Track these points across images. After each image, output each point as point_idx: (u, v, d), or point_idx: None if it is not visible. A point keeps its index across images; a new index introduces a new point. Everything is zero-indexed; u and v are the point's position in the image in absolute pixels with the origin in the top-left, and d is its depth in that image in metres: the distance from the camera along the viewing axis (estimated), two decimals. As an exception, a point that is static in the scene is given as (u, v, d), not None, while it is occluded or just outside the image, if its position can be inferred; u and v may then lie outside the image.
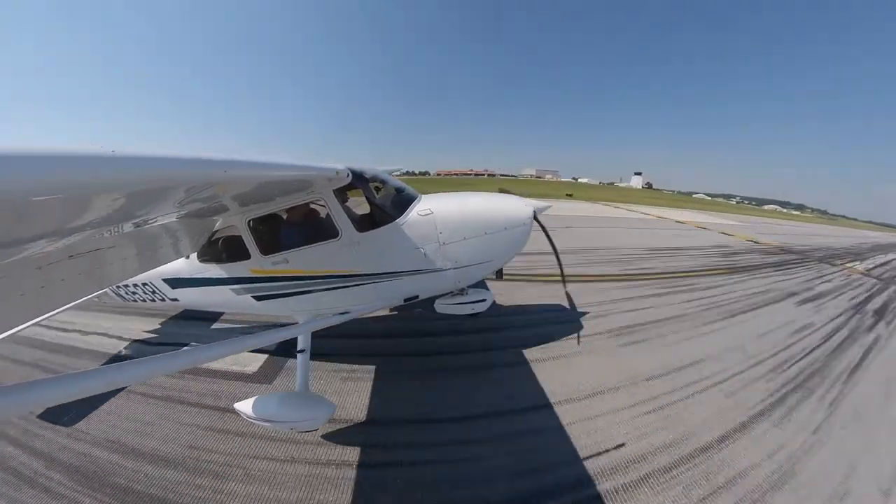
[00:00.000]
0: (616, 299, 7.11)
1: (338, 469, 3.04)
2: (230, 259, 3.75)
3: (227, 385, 4.20)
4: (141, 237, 2.80)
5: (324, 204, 3.45)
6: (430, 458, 3.16)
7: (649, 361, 4.82)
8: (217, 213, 3.17)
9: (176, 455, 3.20)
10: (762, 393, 4.38)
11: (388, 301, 3.85)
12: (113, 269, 2.77)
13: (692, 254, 12.61)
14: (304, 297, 3.71)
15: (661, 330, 5.87)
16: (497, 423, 3.57)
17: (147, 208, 1.75)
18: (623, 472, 3.07)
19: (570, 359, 4.74)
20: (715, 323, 6.45)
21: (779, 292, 8.85)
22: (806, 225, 36.26)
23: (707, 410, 3.95)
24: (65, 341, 5.30)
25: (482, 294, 5.42)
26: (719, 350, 5.35)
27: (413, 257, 3.66)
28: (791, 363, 5.22)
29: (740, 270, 10.78)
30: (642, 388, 4.25)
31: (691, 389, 4.31)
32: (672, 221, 23.20)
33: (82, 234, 1.73)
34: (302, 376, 3.43)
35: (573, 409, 3.80)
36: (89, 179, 0.99)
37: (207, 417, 3.66)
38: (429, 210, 3.73)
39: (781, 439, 3.61)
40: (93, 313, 6.10)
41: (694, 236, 17.21)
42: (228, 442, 3.34)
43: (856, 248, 19.95)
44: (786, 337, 6.16)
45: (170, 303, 4.47)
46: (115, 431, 3.48)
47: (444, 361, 4.62)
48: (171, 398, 3.96)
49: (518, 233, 3.94)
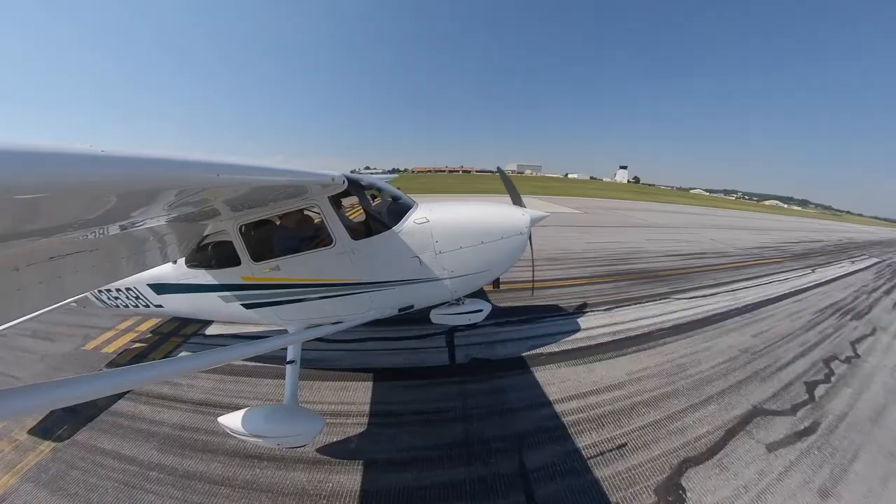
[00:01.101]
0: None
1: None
2: (220, 265, 3.64)
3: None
4: (126, 240, 2.71)
5: (318, 211, 3.39)
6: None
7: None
8: (208, 217, 3.09)
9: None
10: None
11: (383, 311, 3.76)
12: (95, 273, 2.66)
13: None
14: (296, 306, 3.61)
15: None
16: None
17: (134, 211, 1.68)
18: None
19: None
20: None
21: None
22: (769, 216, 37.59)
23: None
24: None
25: (479, 304, 5.33)
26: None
27: (408, 266, 3.60)
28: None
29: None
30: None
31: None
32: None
33: (65, 235, 1.66)
34: (290, 389, 3.30)
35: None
36: (75, 178, 0.94)
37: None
38: (425, 218, 3.68)
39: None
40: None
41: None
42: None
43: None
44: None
45: (154, 309, 4.31)
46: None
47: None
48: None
49: (515, 242, 3.92)
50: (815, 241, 21.61)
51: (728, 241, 17.33)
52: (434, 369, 4.55)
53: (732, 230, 22.55)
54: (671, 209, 35.71)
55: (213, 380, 4.30)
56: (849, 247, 20.51)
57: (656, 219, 24.50)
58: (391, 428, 3.57)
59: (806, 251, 16.87)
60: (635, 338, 5.67)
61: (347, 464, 3.16)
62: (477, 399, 4.00)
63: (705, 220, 27.14)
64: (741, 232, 22.04)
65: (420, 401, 3.97)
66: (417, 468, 3.11)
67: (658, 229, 19.07)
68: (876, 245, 23.30)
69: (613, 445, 3.44)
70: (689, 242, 15.59)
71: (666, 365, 4.93)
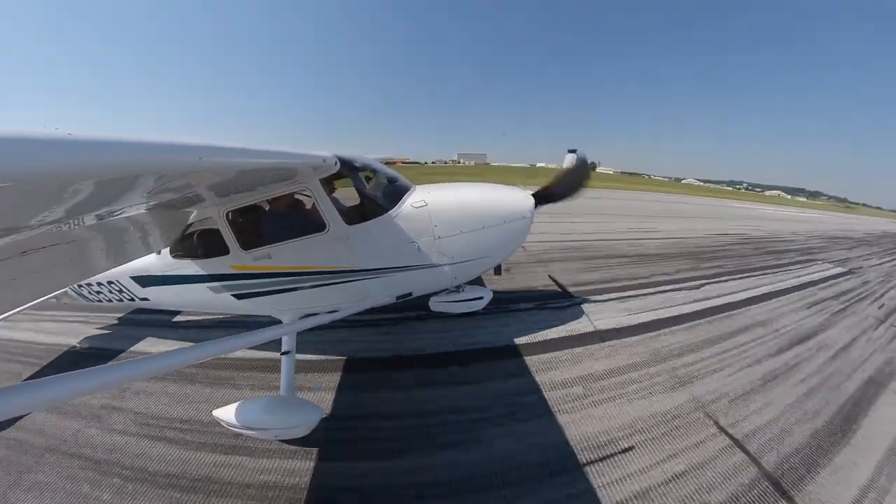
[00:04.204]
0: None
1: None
2: (207, 254, 3.47)
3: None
4: (105, 231, 2.52)
5: (309, 194, 3.23)
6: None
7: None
8: (192, 204, 2.92)
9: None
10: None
11: (380, 299, 3.68)
12: (74, 267, 2.50)
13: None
14: (289, 295, 3.49)
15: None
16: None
17: (112, 199, 1.54)
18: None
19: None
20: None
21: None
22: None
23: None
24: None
25: (479, 291, 5.19)
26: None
27: (406, 252, 3.50)
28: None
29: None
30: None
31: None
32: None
33: (38, 229, 1.52)
34: (287, 380, 3.23)
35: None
36: (42, 166, 0.84)
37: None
38: (423, 202, 3.56)
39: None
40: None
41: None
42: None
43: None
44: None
45: (139, 303, 4.15)
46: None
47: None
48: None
49: (518, 226, 3.82)
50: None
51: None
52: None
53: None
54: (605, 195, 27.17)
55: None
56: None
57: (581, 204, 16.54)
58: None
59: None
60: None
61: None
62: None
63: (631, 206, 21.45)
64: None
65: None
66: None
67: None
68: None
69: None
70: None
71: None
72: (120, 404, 3.66)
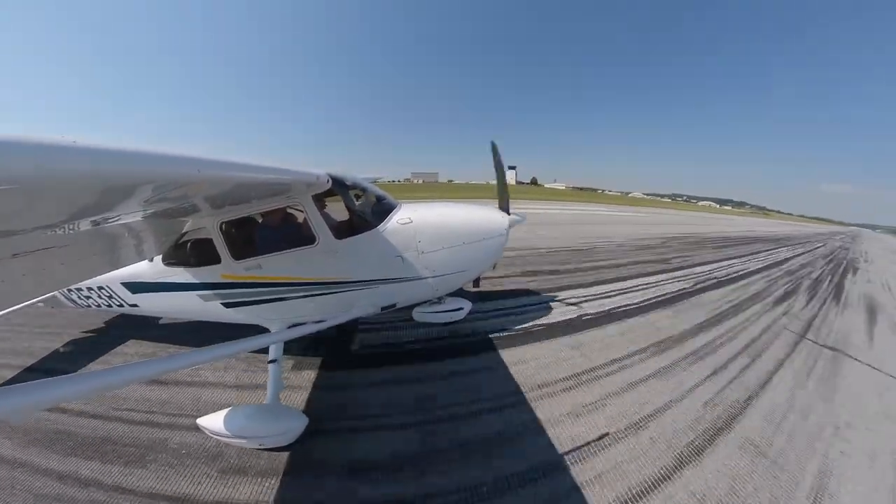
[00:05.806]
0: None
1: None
2: (199, 263, 3.55)
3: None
4: (99, 236, 2.58)
5: (301, 209, 3.35)
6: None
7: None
8: (187, 213, 3.01)
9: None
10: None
11: (366, 309, 3.75)
12: (65, 271, 2.53)
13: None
14: (277, 305, 3.56)
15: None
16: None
17: (109, 206, 1.61)
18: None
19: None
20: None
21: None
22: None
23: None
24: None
25: (460, 303, 5.42)
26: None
27: (391, 265, 3.62)
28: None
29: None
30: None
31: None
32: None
33: (32, 232, 1.57)
34: (273, 388, 3.26)
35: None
36: (44, 171, 0.88)
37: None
38: (408, 219, 3.72)
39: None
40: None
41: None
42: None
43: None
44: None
45: (128, 309, 4.17)
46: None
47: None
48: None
49: (495, 243, 4.07)
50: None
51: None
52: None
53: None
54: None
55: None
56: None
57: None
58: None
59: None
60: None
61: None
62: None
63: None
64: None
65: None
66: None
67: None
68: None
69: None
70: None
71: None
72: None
